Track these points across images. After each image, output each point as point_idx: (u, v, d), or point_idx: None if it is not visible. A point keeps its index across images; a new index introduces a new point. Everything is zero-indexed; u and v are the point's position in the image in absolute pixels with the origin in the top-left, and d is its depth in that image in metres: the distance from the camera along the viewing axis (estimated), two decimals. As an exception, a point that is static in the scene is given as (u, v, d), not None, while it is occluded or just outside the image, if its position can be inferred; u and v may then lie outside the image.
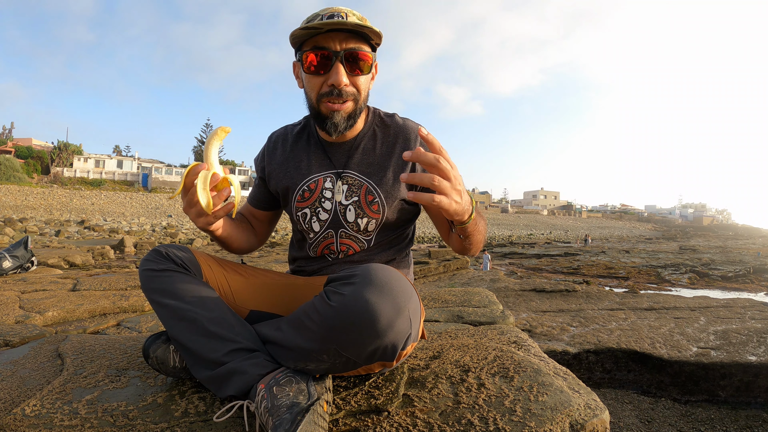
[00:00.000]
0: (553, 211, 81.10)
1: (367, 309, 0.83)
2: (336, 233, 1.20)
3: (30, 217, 23.91)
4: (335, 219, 1.19)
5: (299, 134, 1.29)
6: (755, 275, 11.93)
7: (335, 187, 1.18)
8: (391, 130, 1.22)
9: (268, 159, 1.30)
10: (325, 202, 1.19)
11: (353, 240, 1.21)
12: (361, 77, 1.11)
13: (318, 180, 1.20)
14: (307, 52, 1.08)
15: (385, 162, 1.19)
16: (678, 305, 3.69)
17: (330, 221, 1.19)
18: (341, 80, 1.07)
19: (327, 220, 1.20)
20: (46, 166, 45.81)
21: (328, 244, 1.22)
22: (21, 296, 2.78)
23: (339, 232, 1.20)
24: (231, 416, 0.92)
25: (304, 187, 1.22)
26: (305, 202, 1.21)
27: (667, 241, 37.53)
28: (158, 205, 40.09)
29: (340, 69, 1.06)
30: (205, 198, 0.97)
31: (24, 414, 0.97)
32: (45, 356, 1.36)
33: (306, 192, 1.21)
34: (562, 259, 16.29)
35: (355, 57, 1.08)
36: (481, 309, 2.03)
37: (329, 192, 1.19)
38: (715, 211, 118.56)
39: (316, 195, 1.20)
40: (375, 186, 1.17)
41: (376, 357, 0.91)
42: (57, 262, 6.22)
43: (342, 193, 1.18)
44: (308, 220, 1.22)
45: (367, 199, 1.17)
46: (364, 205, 1.17)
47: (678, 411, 2.15)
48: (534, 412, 0.89)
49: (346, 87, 1.09)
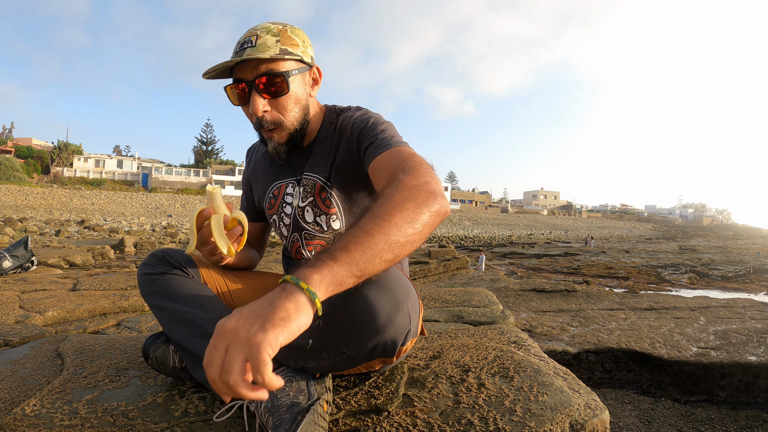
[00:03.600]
0: (553, 211, 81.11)
1: (366, 305, 0.84)
2: (300, 236, 1.21)
3: (30, 216, 23.91)
4: (296, 223, 1.20)
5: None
6: (755, 275, 11.93)
7: (295, 192, 1.19)
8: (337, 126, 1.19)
9: (246, 171, 1.36)
10: (286, 207, 1.21)
11: (321, 239, 1.20)
12: (280, 100, 1.06)
13: (280, 186, 1.22)
14: (226, 88, 1.06)
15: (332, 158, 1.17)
16: (678, 305, 3.69)
17: (292, 226, 1.20)
18: (258, 110, 1.04)
19: (290, 224, 1.21)
20: (46, 165, 45.82)
21: (297, 247, 1.23)
22: (21, 296, 2.78)
23: (303, 235, 1.20)
24: (231, 416, 0.92)
25: (270, 194, 1.24)
26: (272, 209, 1.24)
27: (667, 241, 37.54)
28: (158, 204, 40.09)
29: (255, 99, 1.03)
30: (225, 245, 0.96)
31: (24, 414, 0.97)
32: (45, 356, 1.36)
33: (272, 199, 1.24)
34: (562, 259, 16.29)
35: (270, 81, 1.03)
36: (481, 309, 2.03)
37: (290, 197, 1.20)
38: (715, 211, 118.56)
39: (279, 201, 1.22)
40: (325, 181, 1.16)
41: (377, 353, 0.92)
42: (57, 261, 6.22)
43: (299, 196, 1.18)
44: (278, 226, 1.24)
45: (321, 196, 1.17)
46: (319, 202, 1.17)
47: (678, 411, 2.15)
48: (534, 412, 0.89)
49: (266, 115, 1.06)
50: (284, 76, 1.04)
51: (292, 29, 1.08)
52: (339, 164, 1.14)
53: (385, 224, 0.73)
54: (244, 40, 1.04)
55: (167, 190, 47.48)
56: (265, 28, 1.05)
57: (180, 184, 49.57)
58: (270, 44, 1.03)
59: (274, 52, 1.02)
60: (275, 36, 1.04)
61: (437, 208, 0.80)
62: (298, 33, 1.09)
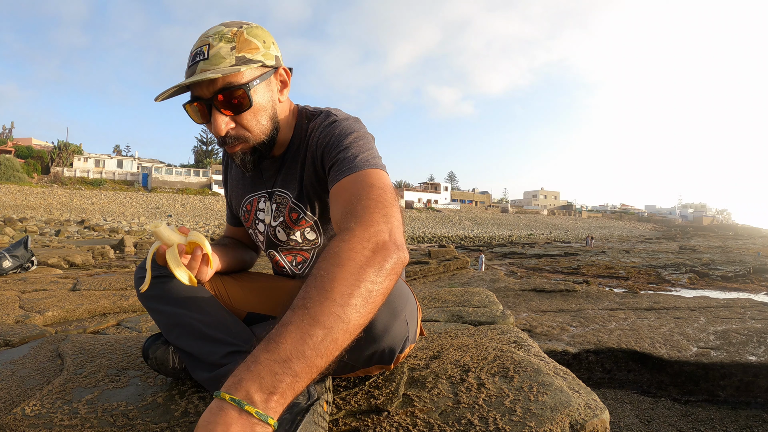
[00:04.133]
0: (553, 211, 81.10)
1: None
2: (276, 251, 1.18)
3: (30, 216, 23.92)
4: (269, 241, 1.16)
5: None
6: (755, 275, 11.93)
7: (266, 208, 1.14)
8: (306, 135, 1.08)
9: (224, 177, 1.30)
10: (259, 224, 1.17)
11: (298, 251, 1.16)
12: (245, 114, 0.96)
13: (252, 200, 1.17)
14: (185, 106, 0.96)
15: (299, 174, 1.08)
16: (678, 305, 3.69)
17: (266, 243, 1.17)
18: (220, 129, 0.94)
19: (264, 241, 1.18)
20: (46, 165, 45.82)
21: (276, 260, 1.20)
22: (21, 296, 2.78)
23: (278, 249, 1.17)
24: (231, 416, 0.92)
25: (243, 208, 1.20)
26: (248, 222, 1.20)
27: (667, 241, 37.53)
28: (158, 204, 40.09)
29: (216, 118, 0.93)
30: (185, 275, 0.90)
31: (24, 414, 0.97)
32: (45, 356, 1.36)
33: (246, 213, 1.20)
34: (562, 259, 16.29)
35: (230, 96, 0.92)
36: (481, 309, 2.03)
37: (262, 213, 1.15)
38: (715, 211, 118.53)
39: (252, 216, 1.18)
40: (296, 201, 1.09)
41: (374, 361, 0.91)
42: (57, 261, 6.22)
43: (270, 214, 1.13)
44: (255, 238, 1.21)
45: (291, 218, 1.10)
46: (289, 223, 1.11)
47: (678, 411, 2.15)
48: (534, 412, 0.89)
49: (230, 132, 0.96)
50: (245, 89, 0.93)
51: (249, 29, 0.96)
52: (307, 181, 1.06)
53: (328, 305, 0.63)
54: (195, 51, 0.93)
55: (167, 190, 47.47)
56: (217, 34, 0.93)
57: (180, 184, 49.56)
58: (224, 53, 0.91)
59: (229, 63, 0.91)
60: (229, 42, 0.92)
61: (390, 265, 0.70)
62: (258, 33, 0.97)
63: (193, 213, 37.51)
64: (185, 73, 0.95)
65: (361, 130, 0.99)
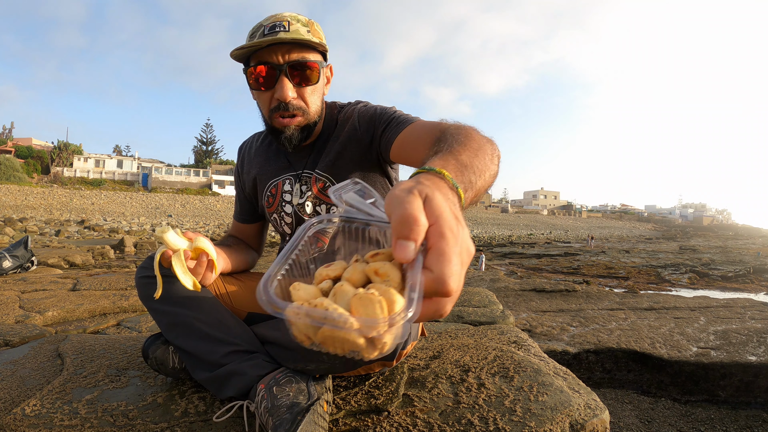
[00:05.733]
0: (553, 211, 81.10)
1: None
2: None
3: (30, 216, 23.91)
4: (298, 220, 1.17)
5: (263, 141, 1.28)
6: (755, 275, 11.92)
7: (294, 190, 1.17)
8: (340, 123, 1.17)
9: (240, 170, 1.31)
10: (286, 206, 1.18)
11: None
12: (307, 88, 1.05)
13: (277, 183, 1.19)
14: (251, 68, 1.03)
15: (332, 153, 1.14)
16: (678, 305, 3.69)
17: (294, 224, 1.18)
18: (287, 94, 1.02)
19: (292, 223, 1.19)
20: (46, 165, 45.81)
21: None
22: (21, 296, 2.78)
23: None
24: (231, 416, 0.92)
25: (268, 192, 1.21)
26: (271, 207, 1.21)
27: (667, 241, 37.53)
28: (158, 204, 40.08)
29: (285, 83, 1.01)
30: (189, 280, 0.92)
31: (24, 414, 0.97)
32: (45, 356, 1.36)
33: (270, 197, 1.21)
34: (562, 259, 16.28)
35: (301, 68, 1.02)
36: (481, 309, 2.03)
37: (288, 195, 1.18)
38: (715, 211, 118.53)
39: (277, 200, 1.19)
40: (326, 176, 1.13)
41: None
42: (57, 261, 6.21)
43: (298, 193, 1.16)
44: (279, 224, 1.22)
45: (319, 187, 1.14)
46: (318, 194, 1.14)
47: (678, 411, 2.14)
48: (534, 412, 0.89)
49: (293, 101, 1.04)
50: (319, 65, 1.04)
51: (316, 24, 1.07)
52: (343, 153, 1.12)
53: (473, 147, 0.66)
54: (273, 23, 1.00)
55: (167, 190, 47.47)
56: (293, 17, 1.02)
57: (180, 184, 49.55)
58: (303, 32, 1.01)
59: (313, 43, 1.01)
60: (305, 26, 1.02)
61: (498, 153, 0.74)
62: (321, 29, 1.08)
63: (193, 213, 37.49)
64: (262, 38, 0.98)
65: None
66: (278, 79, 1.01)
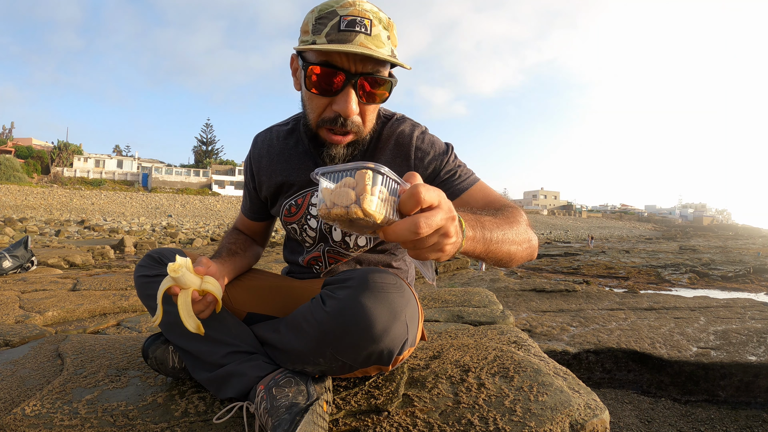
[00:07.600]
0: (553, 211, 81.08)
1: (363, 314, 0.82)
2: (323, 251, 1.16)
3: (30, 216, 23.91)
4: (322, 237, 1.13)
5: (286, 139, 1.15)
6: (755, 275, 11.92)
7: None
8: (383, 137, 1.07)
9: (255, 167, 1.19)
10: (311, 220, 1.12)
11: (341, 255, 1.15)
12: (371, 106, 0.93)
13: (306, 195, 1.12)
14: (315, 67, 0.87)
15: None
16: (678, 305, 3.69)
17: (317, 239, 1.14)
18: (350, 110, 0.89)
19: (315, 237, 1.14)
20: (46, 166, 45.81)
21: (316, 257, 1.18)
22: (21, 296, 2.78)
23: (326, 250, 1.15)
24: (231, 417, 0.92)
25: (291, 202, 1.14)
26: (293, 217, 1.14)
27: (667, 241, 37.51)
28: (158, 204, 40.08)
29: (351, 97, 0.88)
30: (193, 323, 0.88)
31: (24, 414, 0.97)
32: (45, 356, 1.36)
33: (293, 207, 1.14)
34: (562, 259, 16.28)
35: (374, 84, 0.88)
36: (481, 309, 2.03)
37: (315, 209, 1.09)
38: (715, 211, 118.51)
39: (302, 211, 1.12)
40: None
41: (372, 361, 0.90)
42: (57, 261, 6.21)
43: None
44: (298, 233, 1.17)
45: None
46: None
47: (678, 411, 2.14)
48: (534, 412, 0.89)
49: (353, 117, 0.91)
50: (392, 84, 0.90)
51: (395, 26, 0.92)
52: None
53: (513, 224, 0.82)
54: (352, 18, 0.85)
55: (167, 190, 47.46)
56: (374, 14, 0.87)
57: (180, 184, 49.56)
58: (383, 39, 0.87)
59: (386, 52, 0.87)
60: (385, 30, 0.88)
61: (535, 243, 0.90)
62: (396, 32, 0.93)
63: (193, 213, 37.49)
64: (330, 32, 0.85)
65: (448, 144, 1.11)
66: (344, 89, 0.88)
